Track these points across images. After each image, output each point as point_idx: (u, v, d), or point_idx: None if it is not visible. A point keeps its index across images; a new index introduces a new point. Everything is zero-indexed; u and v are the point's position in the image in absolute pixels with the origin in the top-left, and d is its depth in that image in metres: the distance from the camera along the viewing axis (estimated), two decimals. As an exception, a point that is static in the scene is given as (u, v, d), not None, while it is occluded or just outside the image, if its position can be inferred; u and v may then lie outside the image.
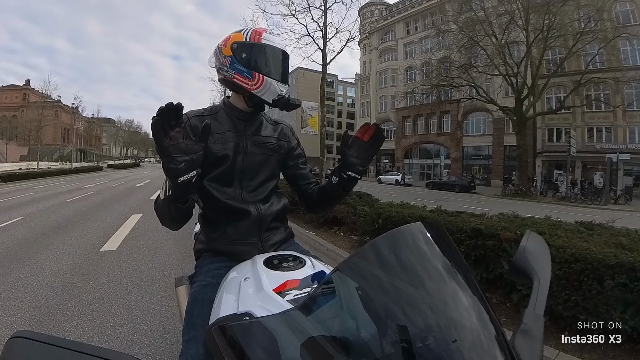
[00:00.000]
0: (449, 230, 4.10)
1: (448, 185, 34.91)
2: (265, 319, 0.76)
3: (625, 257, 2.87)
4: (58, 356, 0.50)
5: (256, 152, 1.58)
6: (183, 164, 1.12)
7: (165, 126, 1.07)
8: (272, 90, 1.48)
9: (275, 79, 1.48)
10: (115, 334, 3.19)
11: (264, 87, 1.47)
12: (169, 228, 1.43)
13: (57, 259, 5.43)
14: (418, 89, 34.32)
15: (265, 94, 1.48)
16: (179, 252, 5.94)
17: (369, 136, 1.40)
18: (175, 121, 1.09)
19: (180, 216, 1.31)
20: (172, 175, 1.13)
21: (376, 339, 0.67)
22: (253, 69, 1.46)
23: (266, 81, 1.46)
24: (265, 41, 1.48)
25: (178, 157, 1.11)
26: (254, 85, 1.47)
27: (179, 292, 1.63)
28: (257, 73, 1.46)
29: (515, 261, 0.96)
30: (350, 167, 1.42)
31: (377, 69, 53.93)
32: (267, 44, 1.48)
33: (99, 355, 0.52)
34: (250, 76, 1.46)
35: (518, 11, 26.89)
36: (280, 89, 1.49)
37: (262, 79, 1.46)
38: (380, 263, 0.74)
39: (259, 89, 1.47)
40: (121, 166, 67.63)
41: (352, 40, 11.96)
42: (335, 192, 1.54)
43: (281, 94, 1.49)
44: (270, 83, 1.46)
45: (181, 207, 1.25)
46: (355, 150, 1.42)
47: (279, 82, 1.49)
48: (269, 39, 1.49)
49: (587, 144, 31.51)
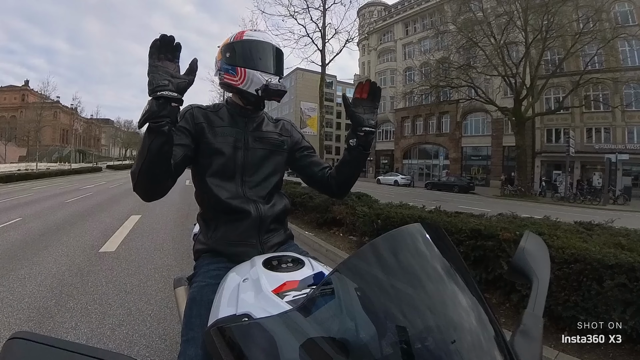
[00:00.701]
0: (448, 230, 4.10)
1: (447, 185, 34.92)
2: (264, 320, 0.76)
3: (624, 257, 2.88)
4: (56, 357, 0.50)
5: (258, 147, 1.59)
6: (167, 82, 1.14)
7: (162, 51, 1.15)
8: (256, 81, 1.49)
9: (258, 69, 1.50)
10: (114, 335, 3.18)
11: (247, 80, 1.49)
12: (141, 192, 1.31)
13: (56, 260, 5.42)
14: (417, 90, 34.37)
15: (249, 87, 1.50)
16: (178, 252, 5.93)
17: (366, 93, 1.48)
18: (172, 55, 1.17)
19: (152, 164, 1.22)
20: (152, 88, 1.13)
21: (375, 340, 0.67)
22: (236, 65, 1.51)
23: (248, 73, 1.49)
24: (246, 37, 1.53)
25: (164, 75, 1.15)
26: (238, 80, 1.51)
27: (178, 293, 1.63)
28: (239, 68, 1.50)
29: (514, 262, 0.96)
30: (363, 123, 1.47)
31: (376, 70, 53.96)
32: (247, 39, 1.53)
33: (98, 356, 0.51)
34: (234, 72, 1.51)
35: (517, 12, 26.91)
36: (265, 78, 1.49)
37: (244, 73, 1.49)
38: (379, 264, 0.73)
39: (243, 83, 1.50)
40: (120, 167, 67.44)
41: (351, 41, 11.97)
42: (356, 156, 1.55)
43: (268, 82, 1.49)
44: (253, 74, 1.49)
45: (156, 143, 1.18)
46: (360, 108, 1.48)
47: (263, 72, 1.50)
48: (252, 34, 1.54)
49: (586, 144, 31.56)
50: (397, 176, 42.33)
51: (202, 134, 1.51)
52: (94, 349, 0.53)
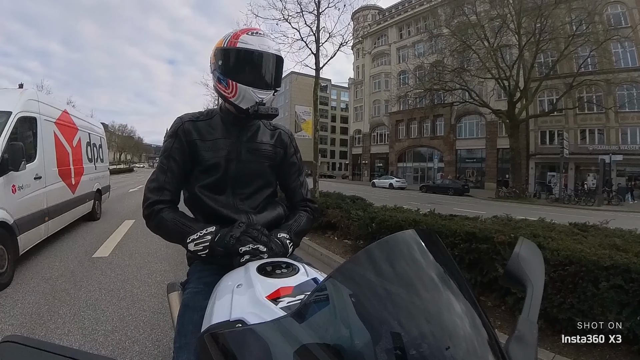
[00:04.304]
0: (443, 234, 4.11)
1: (442, 188, 35.13)
2: (258, 326, 0.75)
3: (620, 258, 2.89)
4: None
5: (250, 159, 1.55)
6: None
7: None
8: (248, 98, 1.42)
9: (250, 85, 1.41)
10: (106, 341, 3.16)
11: (239, 96, 1.42)
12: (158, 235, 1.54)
13: (49, 265, 5.38)
14: (411, 93, 34.46)
15: (241, 102, 1.44)
16: (172, 258, 5.90)
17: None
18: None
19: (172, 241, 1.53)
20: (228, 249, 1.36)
21: (370, 346, 0.66)
22: (227, 76, 1.42)
23: (240, 89, 1.41)
24: (241, 44, 1.40)
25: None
26: (230, 93, 1.44)
27: (171, 298, 1.62)
28: (230, 81, 1.42)
29: (508, 268, 0.97)
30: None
31: (371, 73, 54.26)
32: (241, 48, 1.40)
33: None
34: (225, 84, 1.43)
35: (510, 15, 27.17)
36: (259, 96, 1.42)
37: (235, 87, 1.42)
38: (374, 270, 0.73)
39: (234, 97, 1.43)
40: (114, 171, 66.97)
41: (345, 44, 11.97)
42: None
43: (260, 100, 1.42)
44: (245, 90, 1.41)
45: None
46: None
47: (255, 89, 1.42)
48: (246, 40, 1.40)
49: (580, 146, 31.78)
50: (392, 179, 42.46)
51: (195, 151, 1.49)
52: (87, 354, 0.52)
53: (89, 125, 9.65)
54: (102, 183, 10.55)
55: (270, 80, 1.46)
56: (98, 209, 9.97)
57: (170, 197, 1.51)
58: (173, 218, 1.45)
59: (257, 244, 1.34)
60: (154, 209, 1.47)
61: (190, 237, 1.39)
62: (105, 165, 11.24)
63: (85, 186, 8.61)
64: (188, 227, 1.42)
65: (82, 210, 8.52)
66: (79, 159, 8.36)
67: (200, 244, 1.37)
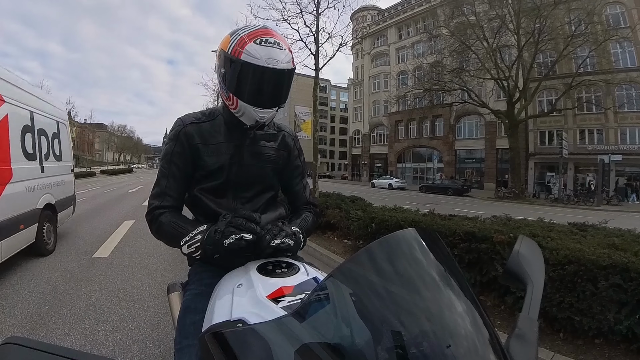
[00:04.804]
0: (442, 233, 4.10)
1: (441, 188, 35.12)
2: (258, 326, 0.75)
3: (618, 258, 2.89)
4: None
5: (252, 163, 1.51)
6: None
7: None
8: (248, 115, 1.36)
9: (252, 105, 1.33)
10: (107, 341, 3.16)
11: (239, 111, 1.36)
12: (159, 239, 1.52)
13: (49, 266, 5.37)
14: (410, 94, 34.43)
15: (242, 117, 1.39)
16: (172, 258, 5.90)
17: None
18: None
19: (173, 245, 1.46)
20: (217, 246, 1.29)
21: (370, 345, 0.66)
22: (228, 88, 1.34)
23: (240, 105, 1.34)
24: (245, 56, 1.25)
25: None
26: (231, 105, 1.38)
27: (172, 299, 1.62)
28: (231, 94, 1.34)
29: (508, 266, 0.97)
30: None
31: (370, 74, 54.24)
32: (245, 62, 1.26)
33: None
34: (227, 95, 1.36)
35: (509, 15, 27.12)
36: (260, 115, 1.35)
37: (236, 102, 1.34)
38: (374, 269, 0.73)
39: (235, 109, 1.37)
40: (114, 172, 66.77)
41: (345, 45, 11.96)
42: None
43: (261, 120, 1.37)
44: (245, 108, 1.34)
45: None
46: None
47: (256, 107, 1.34)
48: (253, 52, 1.25)
49: (579, 146, 31.79)
50: (391, 179, 42.48)
51: (197, 155, 1.45)
52: (88, 355, 0.52)
53: (32, 100, 5.84)
54: (59, 194, 6.76)
55: (275, 98, 1.36)
56: (50, 236, 6.14)
57: (172, 203, 1.47)
58: (170, 221, 1.41)
59: (241, 233, 1.25)
60: (154, 214, 1.44)
61: (183, 239, 1.35)
62: (65, 166, 7.41)
63: (16, 201, 4.99)
64: (183, 228, 1.38)
65: (7, 245, 4.64)
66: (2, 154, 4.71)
67: (192, 245, 1.32)
